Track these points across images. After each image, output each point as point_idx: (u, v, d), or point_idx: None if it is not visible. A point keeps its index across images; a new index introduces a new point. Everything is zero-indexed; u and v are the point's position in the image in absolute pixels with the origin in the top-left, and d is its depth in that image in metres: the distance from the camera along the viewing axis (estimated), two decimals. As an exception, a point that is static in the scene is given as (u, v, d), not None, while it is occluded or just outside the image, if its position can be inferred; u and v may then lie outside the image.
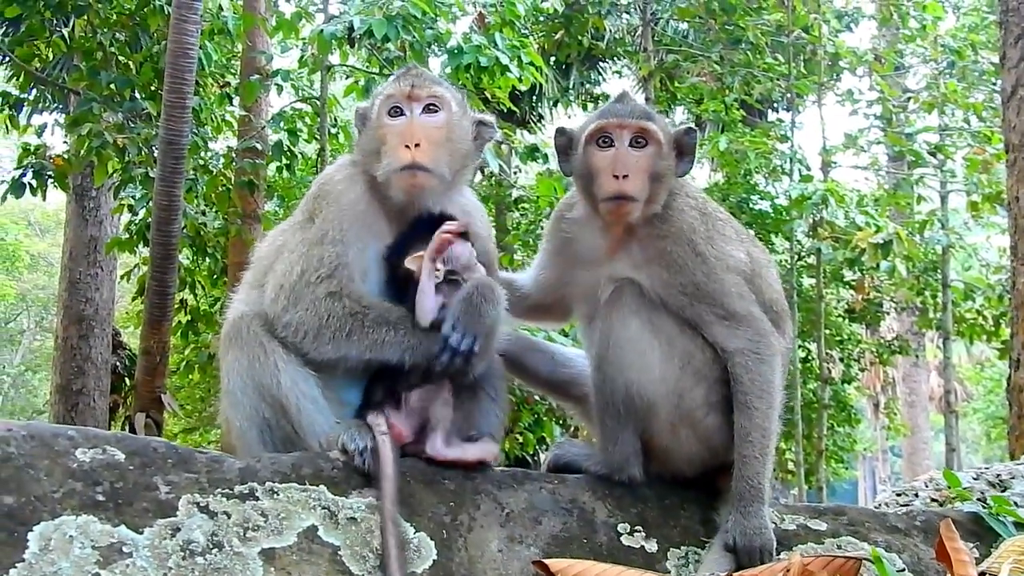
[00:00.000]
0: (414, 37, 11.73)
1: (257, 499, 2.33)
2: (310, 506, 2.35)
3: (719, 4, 14.49)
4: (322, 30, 11.97)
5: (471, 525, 2.41)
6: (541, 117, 20.09)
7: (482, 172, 15.34)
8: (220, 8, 13.25)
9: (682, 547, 2.52)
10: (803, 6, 14.86)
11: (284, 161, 13.15)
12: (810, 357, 16.67)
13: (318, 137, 13.27)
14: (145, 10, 12.11)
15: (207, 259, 13.39)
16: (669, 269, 3.00)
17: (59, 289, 15.39)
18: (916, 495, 4.04)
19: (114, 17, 12.09)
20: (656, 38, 15.83)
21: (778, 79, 15.70)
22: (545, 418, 12.11)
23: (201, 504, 2.28)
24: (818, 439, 15.44)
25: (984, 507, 2.88)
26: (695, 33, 16.25)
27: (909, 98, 17.15)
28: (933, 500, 3.90)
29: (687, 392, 2.73)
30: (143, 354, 10.56)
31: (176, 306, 12.82)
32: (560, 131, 3.25)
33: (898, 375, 26.15)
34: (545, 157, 13.09)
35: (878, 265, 14.90)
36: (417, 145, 2.95)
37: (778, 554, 2.58)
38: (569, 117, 19.74)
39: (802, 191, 14.52)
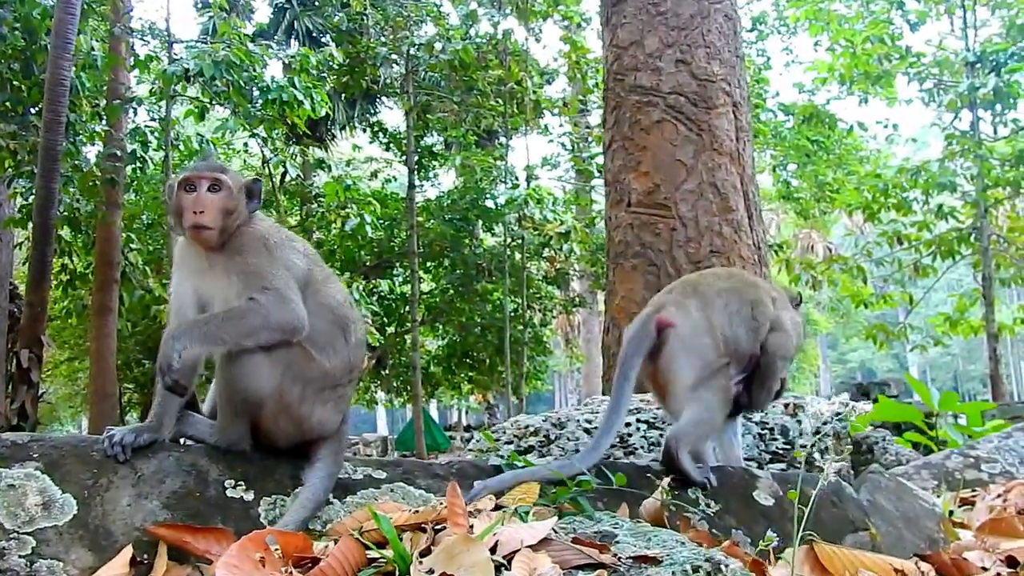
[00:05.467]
0: (235, 78, 13.08)
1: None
2: (-23, 475, 2.31)
3: (459, 62, 16.17)
4: (166, 70, 13.36)
5: (108, 486, 2.42)
6: (334, 137, 22.07)
7: (283, 178, 17.16)
8: (92, 48, 14.28)
9: (273, 495, 2.58)
10: (516, 66, 17.09)
11: (138, 164, 14.52)
12: (518, 309, 18.78)
13: (164, 147, 14.60)
14: (33, 48, 13.15)
15: (81, 235, 14.75)
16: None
17: (-30, 254, 15.46)
18: (504, 434, 4.33)
19: (9, 51, 13.08)
20: (416, 83, 17.44)
21: (498, 116, 17.96)
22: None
23: None
24: (520, 365, 18.09)
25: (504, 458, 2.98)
26: (443, 81, 18.04)
27: (588, 132, 19.77)
28: (515, 437, 4.19)
29: (287, 391, 2.62)
30: (27, 306, 11.32)
31: (58, 269, 14.29)
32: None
33: (580, 320, 28.91)
34: (329, 168, 15.14)
35: (562, 246, 17.78)
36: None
37: (344, 497, 2.65)
38: (354, 137, 21.88)
39: (511, 195, 16.80)
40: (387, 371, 21.26)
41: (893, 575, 2.62)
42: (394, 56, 17.68)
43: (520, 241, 18.03)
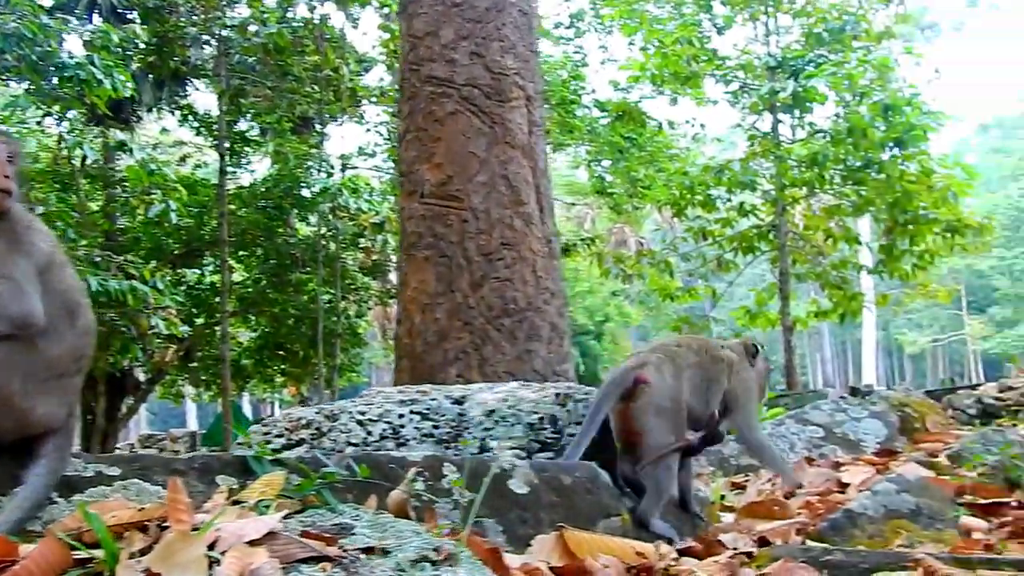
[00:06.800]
0: (27, 52, 12.33)
1: None
2: None
3: (273, 46, 16.06)
4: (-57, 40, 12.01)
5: None
6: (140, 119, 20.39)
7: (83, 161, 16.20)
8: None
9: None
10: (333, 52, 16.89)
11: (-89, 144, 14.23)
12: (333, 300, 18.27)
13: (-57, 124, 13.99)
14: None
15: None
16: None
17: None
18: (276, 427, 4.21)
19: None
20: (229, 66, 17.01)
21: (314, 103, 17.70)
22: None
23: None
24: (334, 357, 17.90)
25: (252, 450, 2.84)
26: (257, 65, 17.49)
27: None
28: (285, 430, 4.10)
29: (6, 383, 2.43)
30: None
31: None
32: None
33: (396, 312, 29.08)
34: (131, 151, 14.15)
35: (377, 237, 17.87)
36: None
37: (71, 496, 2.48)
38: (163, 119, 20.88)
39: (326, 184, 16.71)
40: (196, 364, 20.55)
41: (635, 557, 2.75)
42: (205, 37, 17.15)
43: (335, 231, 17.86)
